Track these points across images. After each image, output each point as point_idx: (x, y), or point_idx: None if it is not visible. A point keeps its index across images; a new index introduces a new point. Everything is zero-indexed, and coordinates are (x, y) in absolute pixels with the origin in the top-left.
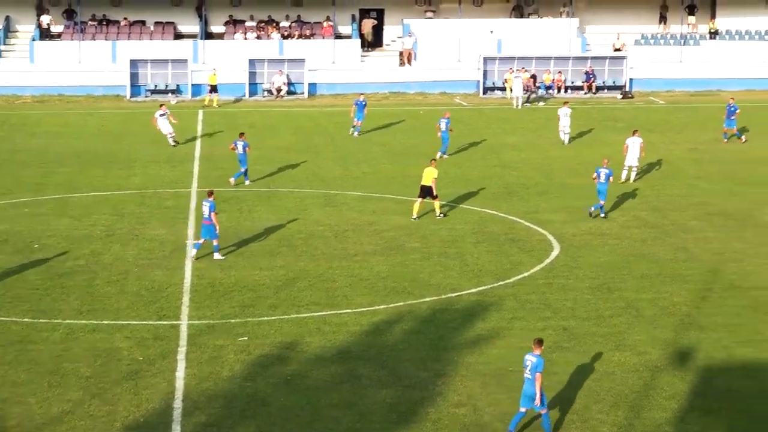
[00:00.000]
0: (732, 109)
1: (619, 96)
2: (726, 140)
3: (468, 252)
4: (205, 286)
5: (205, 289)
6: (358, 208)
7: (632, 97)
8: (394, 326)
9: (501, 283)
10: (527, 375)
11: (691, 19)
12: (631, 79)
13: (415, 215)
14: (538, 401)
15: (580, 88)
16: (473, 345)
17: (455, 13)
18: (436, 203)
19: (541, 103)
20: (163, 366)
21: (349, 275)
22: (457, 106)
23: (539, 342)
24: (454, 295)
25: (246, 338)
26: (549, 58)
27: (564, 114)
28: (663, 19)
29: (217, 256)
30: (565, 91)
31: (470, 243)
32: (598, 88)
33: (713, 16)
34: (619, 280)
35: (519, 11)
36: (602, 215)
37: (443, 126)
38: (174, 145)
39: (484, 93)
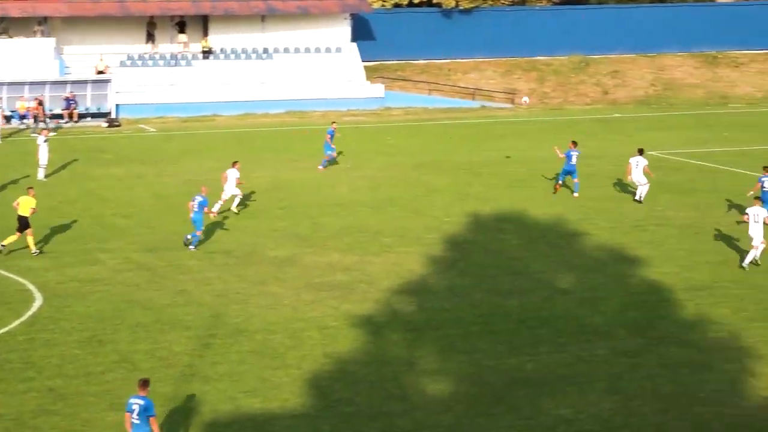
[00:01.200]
0: (332, 132)
1: (105, 124)
2: (323, 167)
3: None
4: None
5: None
6: None
7: (119, 125)
8: None
9: None
10: (135, 419)
11: (182, 37)
12: (117, 105)
13: (4, 243)
14: None
15: (61, 116)
16: None
17: None
18: (30, 238)
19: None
20: None
21: None
22: None
23: (144, 382)
24: None
25: None
26: (23, 84)
27: (40, 143)
28: (151, 37)
29: None
30: (44, 120)
31: None
32: (81, 116)
33: (206, 34)
34: (111, 330)
35: None
36: (192, 247)
37: None
38: None
39: None
